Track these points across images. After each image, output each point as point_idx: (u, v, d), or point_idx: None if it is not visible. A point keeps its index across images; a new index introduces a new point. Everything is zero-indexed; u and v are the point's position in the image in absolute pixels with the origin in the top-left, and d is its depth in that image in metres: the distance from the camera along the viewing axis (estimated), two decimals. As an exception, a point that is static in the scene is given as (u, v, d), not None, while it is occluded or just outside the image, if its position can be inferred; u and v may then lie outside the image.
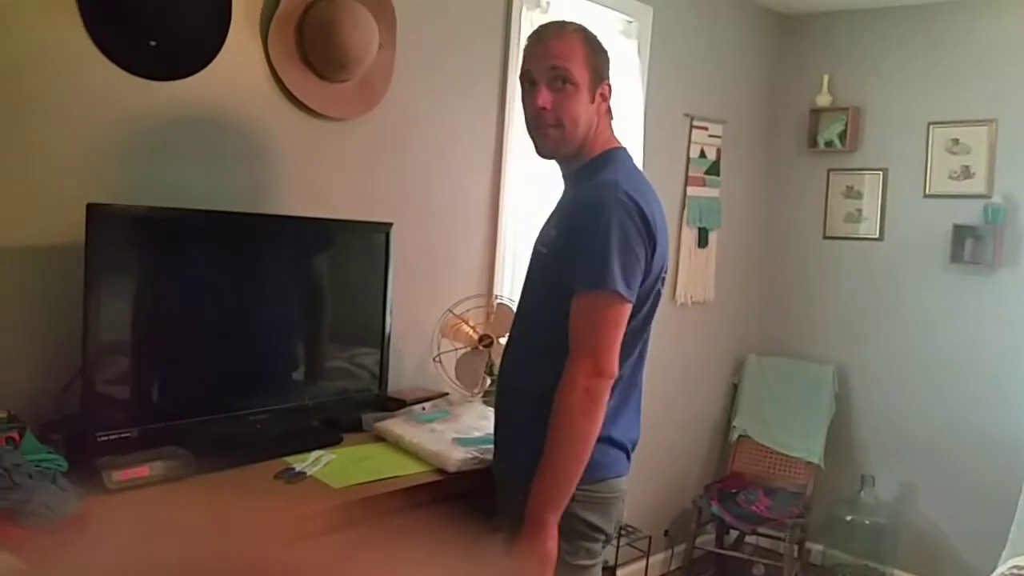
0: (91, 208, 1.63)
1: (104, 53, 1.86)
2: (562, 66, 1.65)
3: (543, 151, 1.74)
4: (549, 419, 1.60)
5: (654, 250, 1.65)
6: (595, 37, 1.72)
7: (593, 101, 1.70)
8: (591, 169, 1.71)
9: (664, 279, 1.75)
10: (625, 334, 1.65)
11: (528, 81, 1.70)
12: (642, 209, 1.61)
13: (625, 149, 1.78)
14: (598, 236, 1.58)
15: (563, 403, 1.59)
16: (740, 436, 3.95)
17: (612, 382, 1.61)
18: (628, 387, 1.73)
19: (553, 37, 1.68)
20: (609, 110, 1.77)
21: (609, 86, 1.74)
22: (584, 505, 1.66)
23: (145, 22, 1.90)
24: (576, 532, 1.67)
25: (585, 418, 1.59)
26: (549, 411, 1.61)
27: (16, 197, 1.78)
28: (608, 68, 1.74)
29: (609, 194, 1.61)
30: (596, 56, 1.70)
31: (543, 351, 1.67)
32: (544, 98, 1.66)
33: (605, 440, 1.66)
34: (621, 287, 1.58)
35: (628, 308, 1.62)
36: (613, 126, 1.80)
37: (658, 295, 1.74)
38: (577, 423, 1.59)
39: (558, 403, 1.59)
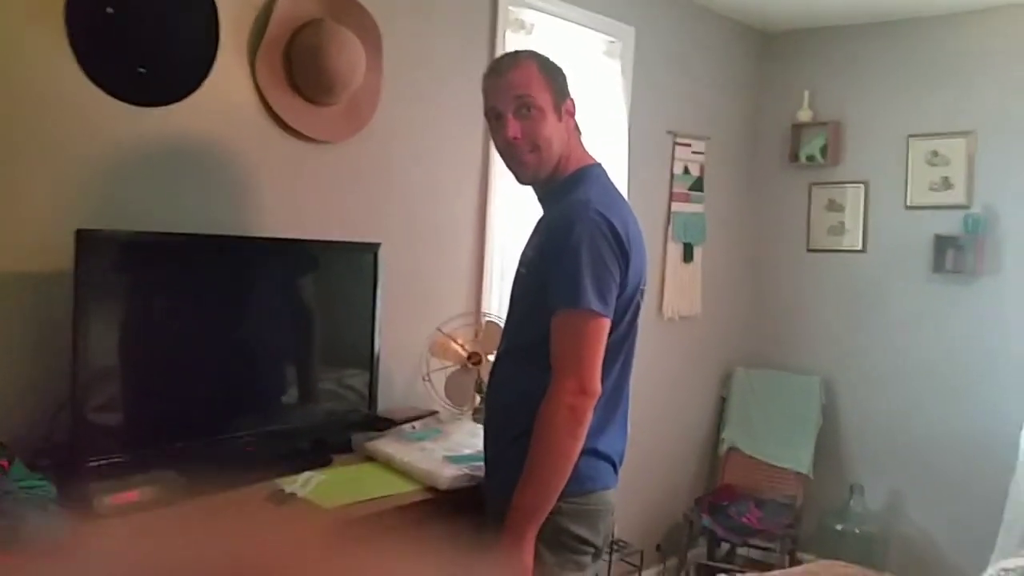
0: (80, 233, 1.64)
1: (93, 80, 1.88)
2: (524, 94, 1.69)
3: (523, 178, 1.77)
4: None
5: (627, 265, 1.67)
6: (549, 59, 1.76)
7: (560, 120, 1.73)
8: (565, 188, 1.74)
9: (643, 292, 1.78)
10: (612, 348, 1.68)
11: (494, 116, 1.73)
12: (613, 225, 1.64)
13: (599, 165, 1.81)
14: (570, 255, 1.61)
15: (546, 420, 1.61)
16: (729, 448, 3.97)
17: (595, 400, 1.63)
18: (612, 400, 1.75)
19: (509, 69, 1.72)
20: (577, 127, 1.80)
21: (572, 102, 1.77)
22: (571, 517, 1.68)
23: (134, 49, 1.93)
24: (563, 544, 1.69)
25: (568, 435, 1.61)
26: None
27: (4, 223, 1.79)
28: (567, 86, 1.77)
29: (580, 212, 1.64)
30: (554, 77, 1.73)
31: (528, 367, 1.70)
32: (514, 128, 1.69)
33: (590, 452, 1.68)
34: (596, 304, 1.60)
35: (606, 324, 1.64)
36: (584, 142, 1.82)
37: (637, 308, 1.76)
38: (560, 440, 1.61)
39: (541, 419, 1.61)
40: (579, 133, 1.81)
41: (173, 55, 2.01)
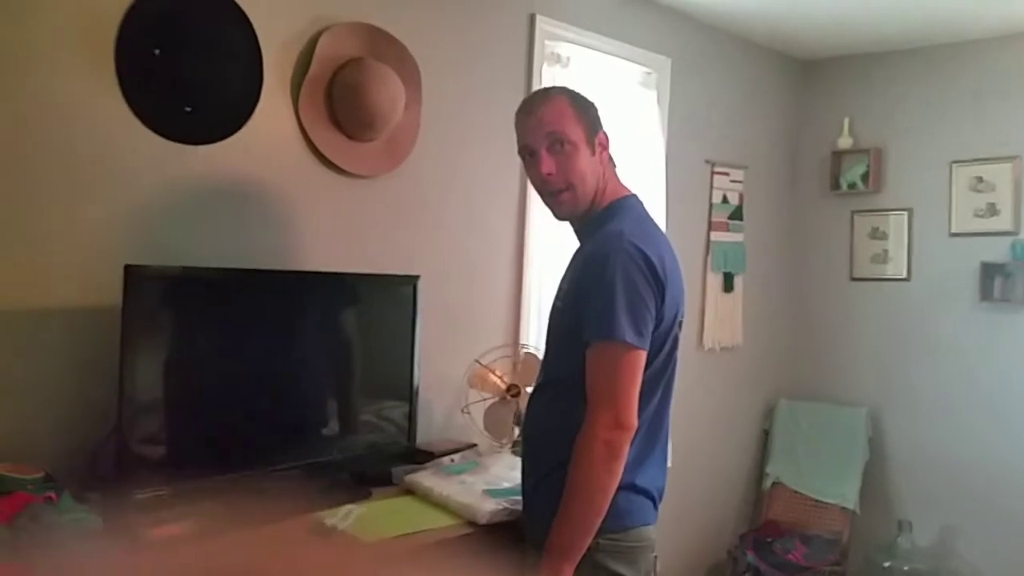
0: (129, 269, 1.68)
1: (141, 119, 1.94)
2: (556, 130, 1.69)
3: (560, 215, 1.77)
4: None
5: (663, 296, 1.65)
6: (579, 94, 1.76)
7: (594, 154, 1.73)
8: (600, 221, 1.73)
9: (681, 324, 1.75)
10: (649, 382, 1.65)
11: (528, 153, 1.74)
12: (648, 256, 1.62)
13: (634, 196, 1.80)
14: (605, 287, 1.60)
15: (582, 454, 1.59)
16: (774, 483, 3.89)
17: (632, 433, 1.61)
18: (651, 434, 1.72)
19: (541, 105, 1.73)
20: (611, 159, 1.79)
21: (605, 135, 1.76)
22: (610, 554, 1.65)
23: (181, 89, 1.98)
24: None
25: (604, 470, 1.59)
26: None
27: (55, 259, 1.84)
28: (599, 119, 1.76)
29: (614, 244, 1.63)
30: (585, 111, 1.73)
31: (565, 400, 1.68)
32: (547, 164, 1.69)
33: (629, 487, 1.66)
34: (631, 336, 1.58)
35: (642, 356, 1.62)
36: (618, 174, 1.82)
37: (675, 340, 1.73)
38: (596, 475, 1.59)
39: (577, 454, 1.60)
40: (614, 165, 1.81)
41: (218, 94, 2.07)
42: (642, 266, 1.61)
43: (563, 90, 1.78)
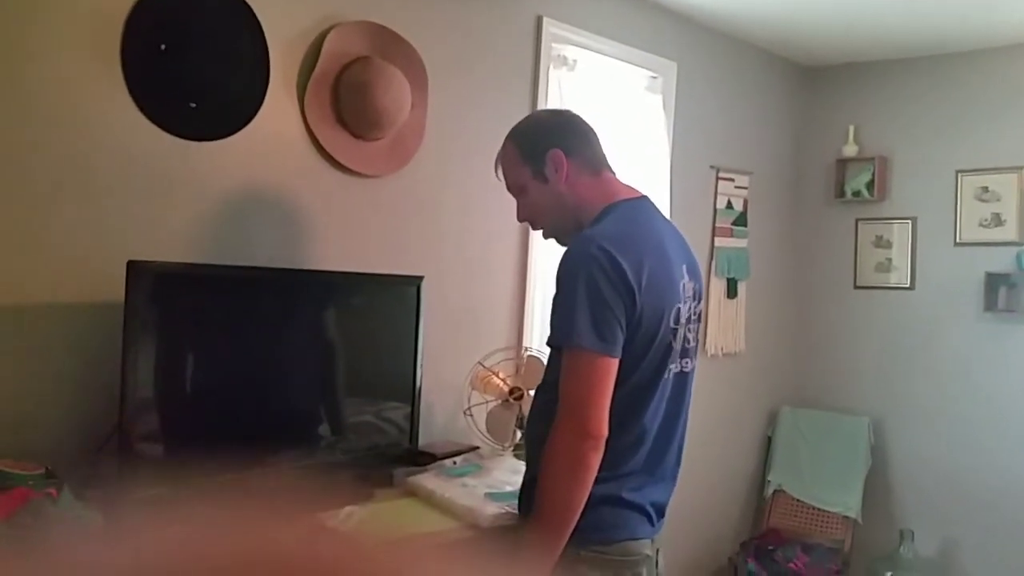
0: (131, 265, 1.66)
1: (146, 114, 1.92)
2: (510, 181, 1.77)
3: (560, 243, 1.79)
4: None
5: (634, 301, 1.56)
6: (525, 128, 1.78)
7: (547, 181, 1.69)
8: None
9: (675, 332, 1.65)
10: (634, 392, 1.60)
11: None
12: (616, 260, 1.53)
13: (630, 201, 1.70)
14: (566, 292, 1.56)
15: (547, 463, 1.56)
16: (775, 491, 3.88)
17: (599, 442, 1.53)
18: (657, 450, 1.67)
19: (499, 161, 1.79)
20: (583, 169, 1.70)
21: (558, 153, 1.68)
22: (593, 566, 1.60)
23: (186, 84, 1.97)
24: None
25: (568, 478, 1.54)
26: None
27: (55, 255, 1.82)
28: (544, 141, 1.70)
29: (579, 248, 1.58)
30: (525, 144, 1.73)
31: (553, 401, 1.64)
32: (519, 211, 1.79)
33: (615, 500, 1.62)
34: (590, 342, 1.52)
35: (608, 362, 1.54)
36: (613, 178, 1.74)
37: (668, 349, 1.64)
38: (559, 483, 1.55)
39: (543, 463, 1.56)
40: (591, 172, 1.72)
41: (224, 91, 2.06)
42: (607, 269, 1.53)
43: (511, 133, 1.79)
